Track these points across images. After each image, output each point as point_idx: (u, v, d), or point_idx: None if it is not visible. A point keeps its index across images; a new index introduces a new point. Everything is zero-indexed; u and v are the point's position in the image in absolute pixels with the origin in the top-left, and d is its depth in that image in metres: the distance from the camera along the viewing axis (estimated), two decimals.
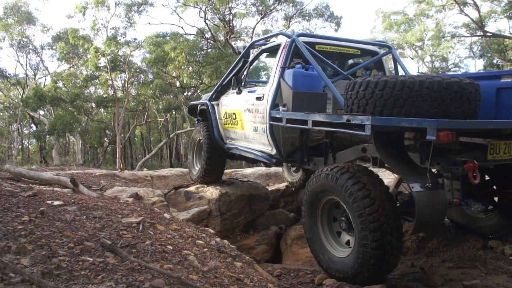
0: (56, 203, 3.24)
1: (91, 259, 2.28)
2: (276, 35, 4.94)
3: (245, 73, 5.16)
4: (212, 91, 5.78)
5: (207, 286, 2.37)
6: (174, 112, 24.00)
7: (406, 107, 2.77)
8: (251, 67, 5.29)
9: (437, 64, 28.62)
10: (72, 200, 3.47)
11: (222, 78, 5.60)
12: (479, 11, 20.39)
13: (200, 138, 5.95)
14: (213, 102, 5.68)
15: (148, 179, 8.45)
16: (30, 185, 4.61)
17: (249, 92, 4.82)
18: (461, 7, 21.17)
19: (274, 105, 4.19)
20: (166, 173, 9.03)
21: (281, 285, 3.32)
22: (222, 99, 5.53)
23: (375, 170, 3.52)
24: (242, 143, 5.11)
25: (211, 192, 5.66)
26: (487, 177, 3.93)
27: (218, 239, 3.71)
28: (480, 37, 24.04)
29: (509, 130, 2.96)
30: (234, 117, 5.12)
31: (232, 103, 5.19)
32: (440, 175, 3.13)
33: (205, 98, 6.00)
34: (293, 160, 4.43)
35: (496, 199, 4.03)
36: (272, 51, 4.77)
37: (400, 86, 2.78)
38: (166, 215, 4.00)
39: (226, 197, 5.53)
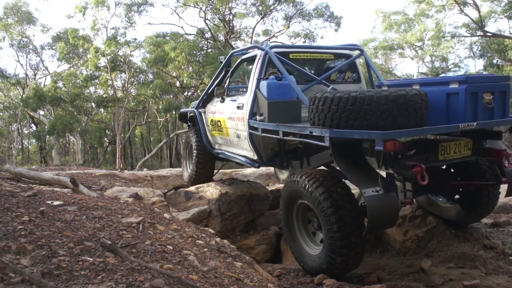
0: (56, 203, 3.24)
1: (91, 259, 2.28)
2: (251, 47, 5.21)
3: (227, 82, 5.43)
4: (199, 100, 6.09)
5: (207, 286, 2.37)
6: (174, 112, 23.97)
7: (358, 120, 3.06)
8: (233, 76, 5.56)
9: (437, 64, 28.62)
10: (72, 200, 3.47)
11: (207, 87, 5.91)
12: (479, 11, 20.39)
13: (192, 143, 6.20)
14: (200, 110, 5.98)
15: (148, 179, 8.45)
16: (30, 185, 4.61)
17: (231, 100, 5.10)
18: (461, 7, 21.17)
19: (253, 114, 4.47)
20: (166, 173, 9.03)
21: (281, 285, 3.32)
22: (208, 107, 5.83)
23: None
24: (228, 149, 5.42)
25: (211, 192, 5.66)
26: (452, 170, 4.24)
27: (218, 239, 3.71)
28: (480, 37, 24.04)
29: (459, 131, 3.24)
30: (219, 125, 5.41)
31: (217, 111, 5.48)
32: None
33: (193, 105, 6.29)
34: (274, 163, 4.76)
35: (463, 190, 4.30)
36: (250, 61, 5.01)
37: (352, 101, 3.06)
38: (166, 215, 4.00)
39: (226, 197, 5.53)
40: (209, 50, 21.42)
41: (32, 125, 29.97)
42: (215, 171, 6.51)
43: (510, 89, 3.51)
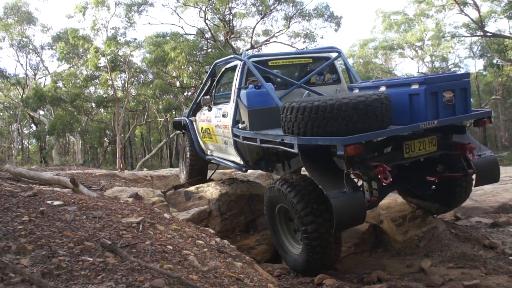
0: (56, 203, 3.24)
1: (91, 259, 2.28)
2: (231, 58, 5.40)
3: (214, 91, 5.66)
4: (189, 109, 6.37)
5: (207, 286, 2.37)
6: (174, 112, 23.97)
7: (322, 127, 3.25)
8: (218, 85, 5.77)
9: (437, 64, 28.63)
10: (72, 200, 3.47)
11: (196, 96, 6.15)
12: (479, 11, 20.39)
13: (186, 148, 6.54)
14: (191, 118, 6.28)
15: (148, 179, 8.45)
16: (30, 185, 4.61)
17: (217, 109, 5.34)
18: (461, 7, 21.16)
19: (236, 122, 4.71)
20: (166, 173, 9.03)
21: (281, 285, 3.32)
22: (198, 115, 6.08)
23: None
24: (218, 154, 5.70)
25: (211, 192, 5.66)
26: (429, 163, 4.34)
27: (218, 239, 3.71)
28: (480, 37, 24.04)
29: (422, 130, 3.42)
30: (209, 132, 5.66)
31: (205, 119, 5.73)
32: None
33: (185, 114, 6.58)
34: (260, 167, 4.97)
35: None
36: (233, 70, 5.20)
37: (315, 110, 3.25)
38: (166, 215, 4.00)
39: (226, 197, 5.53)
40: (209, 50, 21.42)
41: (32, 125, 29.97)
42: (212, 171, 6.88)
43: (470, 85, 3.70)
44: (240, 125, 4.56)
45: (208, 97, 5.51)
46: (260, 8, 21.05)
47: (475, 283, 3.15)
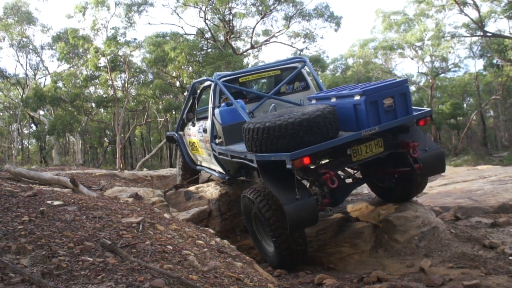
0: (56, 203, 3.24)
1: (91, 259, 2.28)
2: (205, 79, 5.94)
3: (196, 108, 6.12)
4: (176, 125, 6.87)
5: (207, 286, 2.37)
6: (174, 112, 23.97)
7: (273, 144, 3.66)
8: (199, 102, 6.28)
9: (437, 64, 28.63)
10: (72, 200, 3.47)
11: (181, 113, 6.61)
12: (479, 11, 20.41)
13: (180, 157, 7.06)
14: (180, 133, 6.75)
15: (148, 179, 8.45)
16: (30, 185, 4.61)
17: (199, 125, 5.79)
18: (461, 7, 21.18)
19: (214, 137, 5.19)
20: (166, 173, 9.04)
21: (281, 285, 3.32)
22: (185, 130, 6.53)
23: None
24: (206, 165, 6.12)
25: (211, 192, 5.66)
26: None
27: (218, 239, 3.72)
28: (480, 37, 24.05)
29: (367, 135, 3.78)
30: (195, 145, 6.12)
31: (191, 134, 6.19)
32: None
33: (175, 129, 7.07)
34: (240, 175, 5.42)
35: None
36: (209, 87, 5.64)
37: (267, 130, 3.66)
38: (166, 215, 4.00)
39: (226, 197, 5.53)
40: (209, 50, 21.42)
41: (32, 125, 29.97)
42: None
43: (410, 90, 4.06)
44: (217, 140, 5.10)
45: (191, 113, 6.07)
46: (260, 8, 21.05)
47: (475, 283, 3.14)
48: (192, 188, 6.00)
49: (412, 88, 34.66)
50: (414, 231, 4.44)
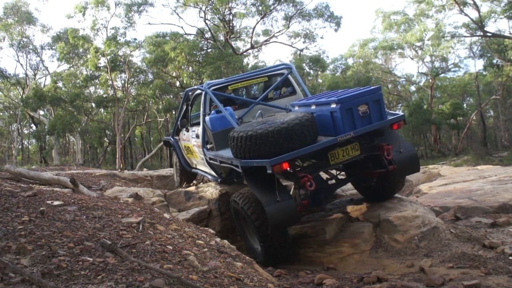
0: (56, 203, 3.24)
1: (91, 259, 2.28)
2: (195, 87, 6.20)
3: (189, 114, 6.42)
4: (172, 130, 7.14)
5: (207, 286, 2.37)
6: (174, 112, 23.93)
7: (256, 151, 3.93)
8: (192, 108, 6.60)
9: (437, 64, 28.62)
10: (72, 200, 3.47)
11: (175, 119, 6.89)
12: (479, 11, 20.41)
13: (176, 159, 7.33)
14: (175, 138, 7.00)
15: (148, 179, 8.45)
16: (30, 185, 4.61)
17: (192, 131, 6.06)
18: (461, 7, 21.18)
19: (206, 142, 5.47)
20: (166, 173, 9.03)
21: (281, 285, 3.32)
22: (181, 135, 6.75)
23: None
24: (200, 167, 6.34)
25: (211, 192, 5.66)
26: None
27: (218, 239, 3.72)
28: (480, 37, 24.03)
29: (344, 139, 4.03)
30: (190, 150, 6.38)
31: (186, 139, 6.47)
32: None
33: (171, 134, 7.31)
34: (231, 178, 5.62)
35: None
36: (201, 95, 5.84)
37: (249, 139, 3.93)
38: (166, 215, 4.00)
39: (226, 197, 5.53)
40: (209, 50, 21.41)
41: (32, 125, 29.93)
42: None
43: (383, 96, 4.31)
44: (208, 146, 5.39)
45: (185, 120, 6.32)
46: (260, 8, 21.03)
47: (475, 283, 3.14)
48: (192, 188, 6.00)
49: (412, 88, 34.63)
50: (414, 231, 4.44)
